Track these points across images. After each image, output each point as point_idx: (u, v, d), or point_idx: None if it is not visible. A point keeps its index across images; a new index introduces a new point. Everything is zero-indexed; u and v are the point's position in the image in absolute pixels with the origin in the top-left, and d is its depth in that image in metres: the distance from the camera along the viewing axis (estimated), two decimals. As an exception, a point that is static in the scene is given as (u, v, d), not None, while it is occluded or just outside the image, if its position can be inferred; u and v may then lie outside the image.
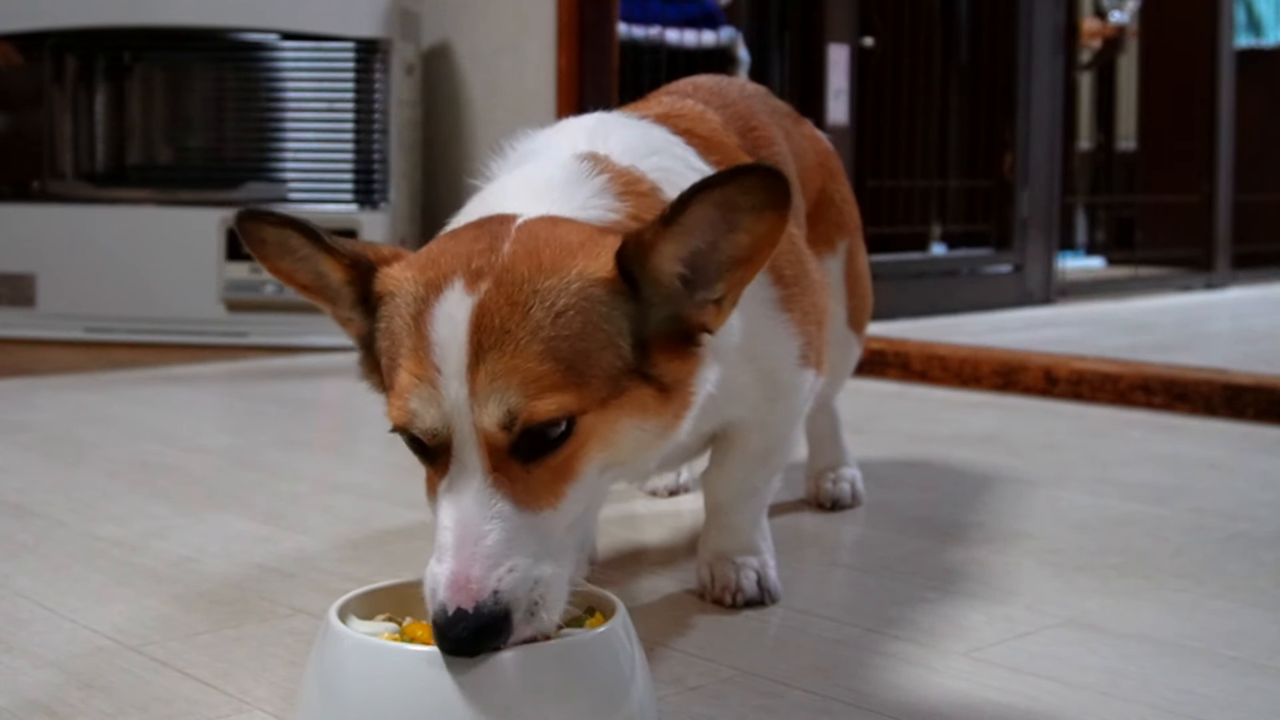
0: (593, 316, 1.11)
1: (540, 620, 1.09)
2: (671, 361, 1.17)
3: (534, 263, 1.12)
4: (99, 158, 4.29)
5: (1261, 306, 5.71)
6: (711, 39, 4.46)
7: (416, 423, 1.10)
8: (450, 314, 1.09)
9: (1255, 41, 7.39)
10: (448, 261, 1.13)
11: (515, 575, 1.07)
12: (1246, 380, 2.96)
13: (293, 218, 1.20)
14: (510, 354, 1.08)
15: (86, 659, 1.40)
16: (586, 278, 1.12)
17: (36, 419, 2.84)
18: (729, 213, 1.12)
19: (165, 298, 4.08)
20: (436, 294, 1.11)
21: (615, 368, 1.13)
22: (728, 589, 1.59)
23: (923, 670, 1.39)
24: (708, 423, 1.50)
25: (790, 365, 1.49)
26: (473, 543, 1.06)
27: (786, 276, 1.47)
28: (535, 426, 1.08)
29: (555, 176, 1.28)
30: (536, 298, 1.10)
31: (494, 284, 1.10)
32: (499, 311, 1.08)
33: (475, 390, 1.07)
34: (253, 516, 2.02)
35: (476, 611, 1.04)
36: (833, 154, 1.99)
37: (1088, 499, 2.17)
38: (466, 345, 1.08)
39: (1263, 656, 1.43)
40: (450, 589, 1.05)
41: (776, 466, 1.61)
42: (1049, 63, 5.27)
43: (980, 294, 5.15)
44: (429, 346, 1.09)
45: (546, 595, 1.09)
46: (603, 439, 1.13)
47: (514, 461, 1.09)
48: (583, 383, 1.10)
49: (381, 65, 4.11)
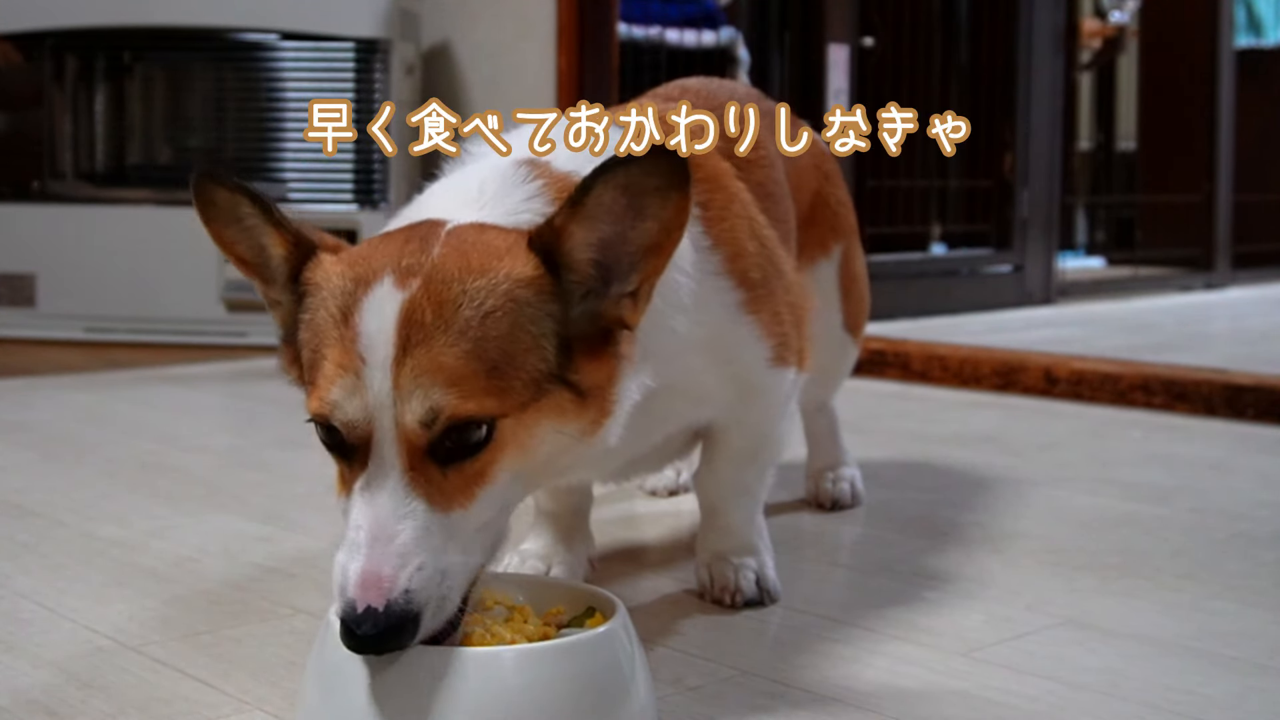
0: (520, 318, 1.12)
1: (443, 612, 1.09)
2: (590, 364, 1.16)
3: (463, 263, 1.12)
4: (99, 158, 4.29)
5: (1261, 306, 5.71)
6: (711, 39, 4.46)
7: (337, 414, 1.10)
8: (379, 307, 1.09)
9: (1255, 41, 7.39)
10: (378, 259, 1.14)
11: (425, 574, 1.06)
12: (1246, 380, 2.96)
13: (248, 186, 1.19)
14: (437, 350, 1.07)
15: (86, 659, 1.40)
16: (514, 278, 1.13)
17: (36, 419, 2.84)
18: (635, 197, 1.12)
19: (165, 298, 4.08)
20: (366, 288, 1.11)
21: (539, 371, 1.13)
22: (727, 589, 1.59)
23: (923, 670, 1.39)
24: (676, 424, 1.50)
25: (760, 367, 1.48)
26: (386, 541, 1.06)
27: (752, 279, 1.46)
28: (456, 426, 1.08)
29: (489, 183, 1.28)
30: (465, 297, 1.10)
31: (424, 281, 1.10)
32: (428, 308, 1.09)
33: (399, 384, 1.07)
34: (253, 516, 2.02)
35: (387, 610, 1.04)
36: (829, 157, 1.98)
37: (1088, 499, 2.17)
38: (394, 338, 1.08)
39: (1263, 656, 1.43)
40: (360, 587, 1.05)
41: (766, 464, 1.61)
42: (1049, 63, 5.27)
43: (980, 294, 5.15)
44: (356, 337, 1.09)
45: (449, 597, 1.09)
46: (520, 444, 1.13)
47: (431, 463, 1.09)
48: (506, 386, 1.10)
49: (381, 65, 4.11)
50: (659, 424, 1.44)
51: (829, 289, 1.95)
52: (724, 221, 1.44)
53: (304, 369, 1.17)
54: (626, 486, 2.19)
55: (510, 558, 1.66)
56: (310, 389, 1.13)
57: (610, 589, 1.38)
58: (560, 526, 1.68)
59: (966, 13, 5.31)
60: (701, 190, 1.44)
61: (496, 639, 1.17)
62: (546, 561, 1.66)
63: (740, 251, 1.45)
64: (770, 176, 1.66)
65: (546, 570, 1.64)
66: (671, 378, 1.35)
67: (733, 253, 1.44)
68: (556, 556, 1.67)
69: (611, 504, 2.10)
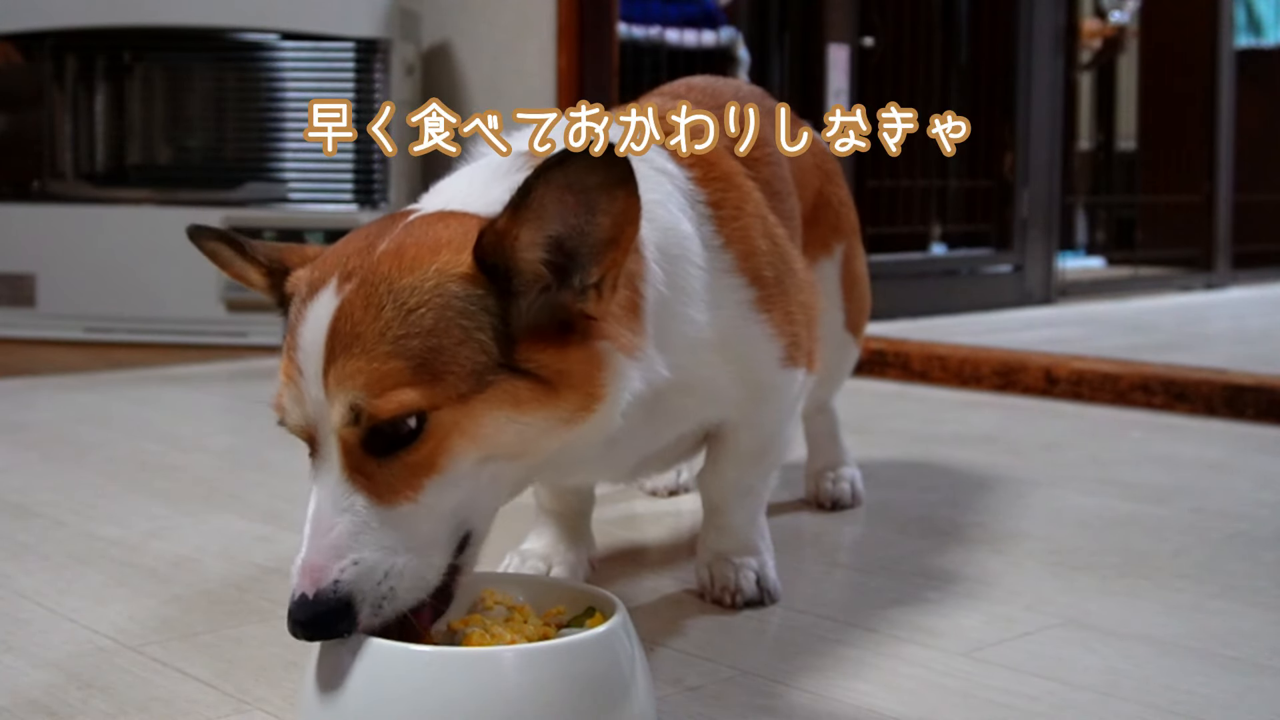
0: (447, 313, 1.13)
1: (384, 612, 1.12)
2: (549, 352, 1.17)
3: (396, 261, 1.15)
4: (99, 158, 4.29)
5: (1261, 306, 5.71)
6: (711, 39, 4.46)
7: (288, 419, 1.17)
8: (316, 317, 1.14)
9: (1255, 41, 7.40)
10: (331, 262, 1.18)
11: (359, 568, 1.10)
12: (1246, 380, 2.96)
13: (220, 231, 1.29)
14: (357, 355, 1.11)
15: (86, 659, 1.40)
16: (444, 273, 1.14)
17: (36, 419, 2.84)
18: (581, 194, 1.12)
19: (165, 298, 4.08)
20: (313, 296, 1.16)
21: (477, 362, 1.14)
22: (727, 589, 1.59)
23: (923, 670, 1.39)
24: (688, 424, 1.50)
25: (772, 366, 1.49)
26: (323, 534, 1.12)
27: (765, 278, 1.46)
28: (380, 424, 1.11)
29: (481, 172, 1.31)
30: (390, 297, 1.13)
31: (357, 285, 1.14)
32: (354, 314, 1.12)
33: (328, 390, 1.12)
34: (253, 516, 2.02)
35: (317, 598, 1.09)
36: (830, 156, 1.99)
37: (1088, 499, 2.17)
38: (324, 347, 1.12)
39: (1263, 656, 1.43)
40: (299, 574, 1.11)
41: (771, 465, 1.61)
42: (1049, 63, 5.27)
43: (980, 294, 5.15)
44: (297, 348, 1.14)
45: (396, 587, 1.12)
46: (466, 434, 1.14)
47: (370, 457, 1.12)
48: (435, 379, 1.12)
49: (381, 65, 4.11)
50: (671, 423, 1.44)
51: (830, 288, 1.95)
52: (737, 220, 1.45)
53: None
54: (626, 486, 2.19)
55: (510, 558, 1.66)
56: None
57: (610, 589, 1.38)
58: (561, 527, 1.68)
59: (966, 13, 5.31)
60: (715, 189, 1.45)
61: (496, 639, 1.17)
62: (547, 561, 1.66)
63: (753, 250, 1.45)
64: (776, 174, 1.66)
65: (547, 570, 1.65)
66: (684, 374, 1.35)
67: (745, 251, 1.44)
68: (557, 556, 1.67)
69: (611, 504, 2.10)
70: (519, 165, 1.30)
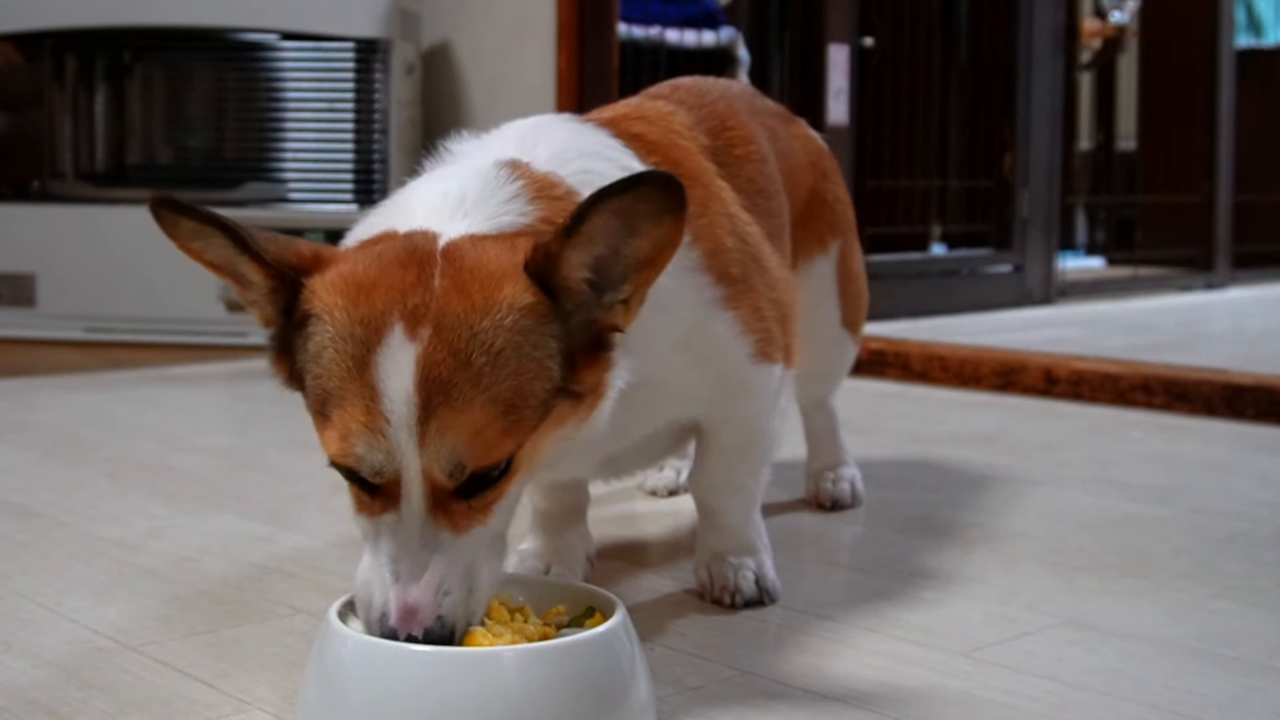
0: (525, 348, 1.15)
1: (473, 619, 1.18)
2: (589, 369, 1.21)
3: (467, 303, 1.14)
4: (99, 158, 4.29)
5: (1261, 306, 5.71)
6: (711, 39, 4.46)
7: (363, 465, 1.15)
8: (396, 365, 1.12)
9: (1255, 41, 7.40)
10: (381, 296, 1.15)
11: (452, 599, 1.16)
12: (1246, 380, 2.96)
13: (217, 217, 1.20)
14: (458, 408, 1.12)
15: (86, 659, 1.40)
16: (517, 309, 1.15)
17: (36, 419, 2.84)
18: (628, 220, 1.15)
19: (165, 298, 4.08)
20: (378, 338, 1.13)
21: (546, 392, 1.17)
22: (726, 589, 1.59)
23: (923, 670, 1.39)
24: (658, 422, 1.50)
25: (742, 363, 1.49)
26: (418, 575, 1.15)
27: (732, 275, 1.46)
28: (481, 473, 1.15)
29: (469, 187, 1.28)
30: (475, 343, 1.13)
31: (434, 330, 1.13)
32: (443, 363, 1.12)
33: (425, 443, 1.12)
34: (253, 516, 2.02)
35: (426, 636, 1.14)
36: (826, 154, 1.98)
37: (1088, 499, 2.17)
38: (415, 398, 1.12)
39: (1263, 656, 1.44)
40: (400, 619, 1.14)
41: (759, 462, 1.61)
42: (1049, 63, 5.27)
43: (980, 294, 5.15)
44: (376, 396, 1.12)
45: (479, 599, 1.19)
46: (531, 461, 1.20)
47: (454, 499, 1.16)
48: (519, 420, 1.15)
49: (381, 65, 4.11)
50: (640, 421, 1.44)
51: (827, 286, 1.95)
52: (701, 218, 1.45)
53: (310, 398, 1.20)
54: (626, 486, 2.19)
55: (510, 558, 1.66)
56: (326, 429, 1.17)
57: (610, 589, 1.38)
58: (558, 526, 1.68)
59: (966, 13, 5.31)
60: None
61: (497, 639, 1.17)
62: (546, 561, 1.66)
63: (719, 248, 1.45)
64: (761, 172, 1.66)
65: (546, 570, 1.65)
66: (651, 374, 1.35)
67: (711, 249, 1.44)
68: (556, 556, 1.67)
69: (611, 504, 2.10)
70: (508, 176, 1.28)
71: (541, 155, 1.35)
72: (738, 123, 1.68)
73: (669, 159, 1.48)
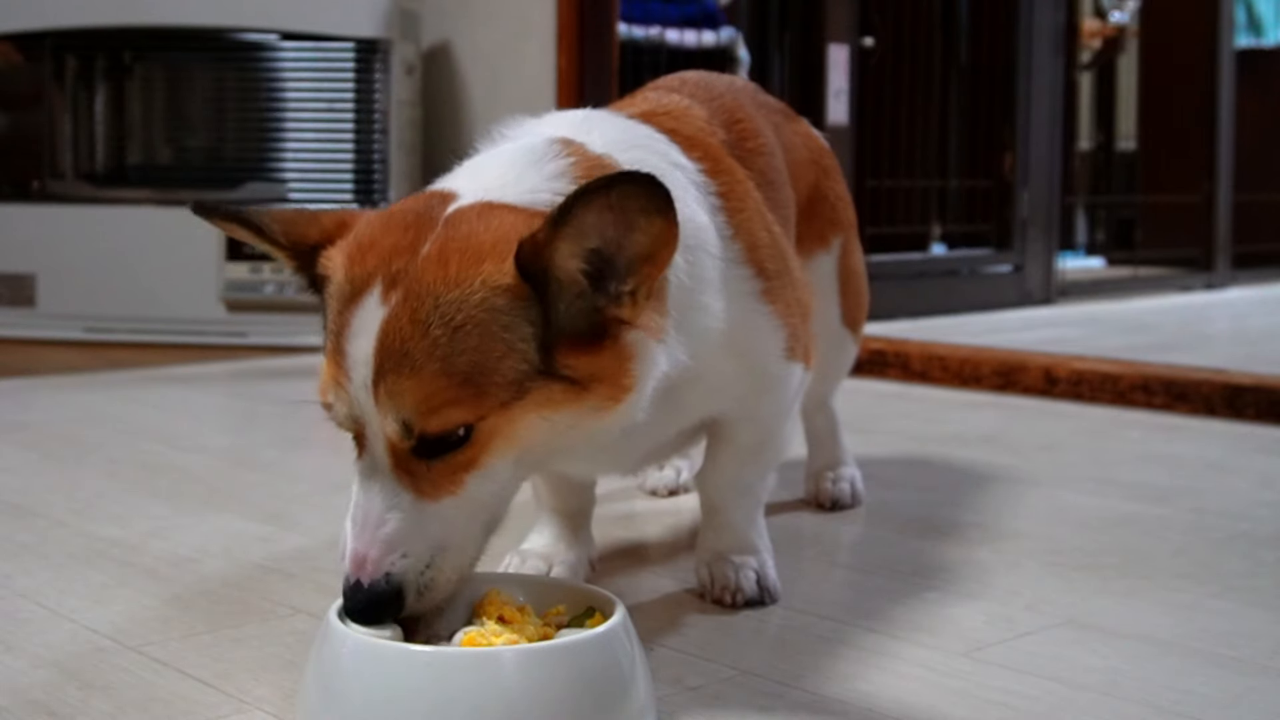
0: (492, 328, 1.16)
1: (427, 599, 1.20)
2: (584, 357, 1.20)
3: (442, 273, 1.17)
4: (99, 158, 4.29)
5: (1261, 306, 5.71)
6: (711, 39, 4.46)
7: (334, 416, 1.21)
8: (363, 325, 1.17)
9: (1255, 41, 7.39)
10: (375, 256, 1.20)
11: (407, 561, 1.18)
12: (1246, 380, 2.96)
13: (237, 212, 1.29)
14: (406, 374, 1.15)
15: (86, 659, 1.40)
16: (489, 286, 1.16)
17: (36, 419, 2.84)
18: (621, 214, 1.15)
19: (165, 298, 4.08)
20: (358, 297, 1.18)
21: (518, 371, 1.18)
22: (727, 589, 1.59)
23: (923, 670, 1.39)
24: (692, 416, 1.51)
25: (776, 357, 1.50)
26: (373, 528, 1.18)
27: (769, 270, 1.48)
28: (430, 437, 1.16)
29: (519, 157, 1.31)
30: (437, 313, 1.15)
31: (403, 297, 1.16)
32: (401, 330, 1.15)
33: (377, 403, 1.16)
34: (253, 516, 2.02)
35: (371, 587, 1.17)
36: (827, 151, 1.99)
37: (1088, 499, 2.17)
38: (371, 362, 1.16)
39: (1263, 656, 1.44)
40: (352, 564, 1.18)
41: (769, 462, 1.61)
42: (1049, 63, 5.27)
43: (980, 294, 5.15)
44: (343, 356, 1.18)
45: (436, 578, 1.19)
46: (507, 437, 1.20)
47: (416, 459, 1.18)
48: (480, 393, 1.16)
49: (381, 65, 4.11)
50: (678, 414, 1.46)
51: (827, 283, 1.95)
52: (742, 212, 1.47)
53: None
54: (626, 486, 2.19)
55: (511, 558, 1.66)
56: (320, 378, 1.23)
57: (610, 589, 1.38)
58: (562, 526, 1.68)
59: (966, 13, 5.31)
60: (723, 181, 1.48)
61: (497, 639, 1.17)
62: (547, 561, 1.66)
63: (757, 242, 1.48)
64: (770, 165, 1.67)
65: (547, 570, 1.64)
66: (693, 366, 1.36)
67: (751, 243, 1.47)
68: (557, 556, 1.67)
69: (611, 504, 2.10)
70: (554, 152, 1.31)
71: (597, 140, 1.38)
72: (746, 116, 1.69)
73: (708, 152, 1.50)
